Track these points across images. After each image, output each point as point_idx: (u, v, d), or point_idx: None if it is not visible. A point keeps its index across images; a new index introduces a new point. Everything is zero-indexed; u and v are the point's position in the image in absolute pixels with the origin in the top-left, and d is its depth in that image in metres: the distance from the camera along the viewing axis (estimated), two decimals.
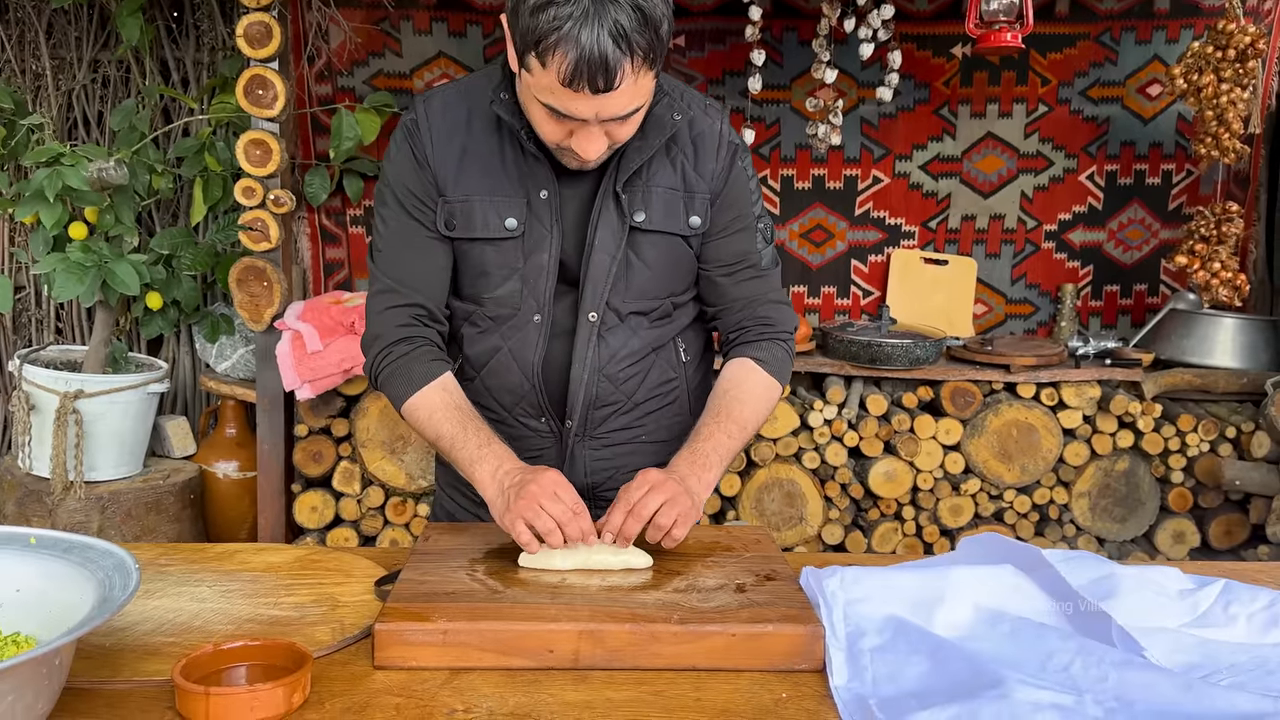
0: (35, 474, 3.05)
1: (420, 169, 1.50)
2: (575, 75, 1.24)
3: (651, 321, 1.58)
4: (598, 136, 1.34)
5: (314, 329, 2.93)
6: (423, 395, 1.49)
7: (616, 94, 1.27)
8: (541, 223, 1.49)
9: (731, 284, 1.59)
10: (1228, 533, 3.18)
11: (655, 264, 1.53)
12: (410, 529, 3.12)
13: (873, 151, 3.49)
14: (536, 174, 1.47)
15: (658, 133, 1.46)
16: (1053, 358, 3.10)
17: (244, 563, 1.42)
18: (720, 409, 1.52)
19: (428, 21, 3.31)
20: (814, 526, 3.11)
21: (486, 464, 1.41)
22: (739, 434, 1.50)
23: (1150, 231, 3.55)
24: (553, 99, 1.29)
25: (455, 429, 1.45)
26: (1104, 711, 1.00)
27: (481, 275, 1.52)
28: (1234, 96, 2.96)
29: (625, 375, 1.58)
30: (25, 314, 3.69)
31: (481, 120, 1.49)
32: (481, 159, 1.49)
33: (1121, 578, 1.28)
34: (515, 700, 1.06)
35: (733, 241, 1.57)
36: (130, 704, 1.04)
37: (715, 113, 1.55)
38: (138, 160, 3.10)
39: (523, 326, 1.53)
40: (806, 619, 1.16)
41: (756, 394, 1.55)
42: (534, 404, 1.58)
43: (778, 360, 1.59)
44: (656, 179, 1.50)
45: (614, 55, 1.22)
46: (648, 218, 1.50)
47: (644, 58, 1.26)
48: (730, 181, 1.55)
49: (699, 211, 1.53)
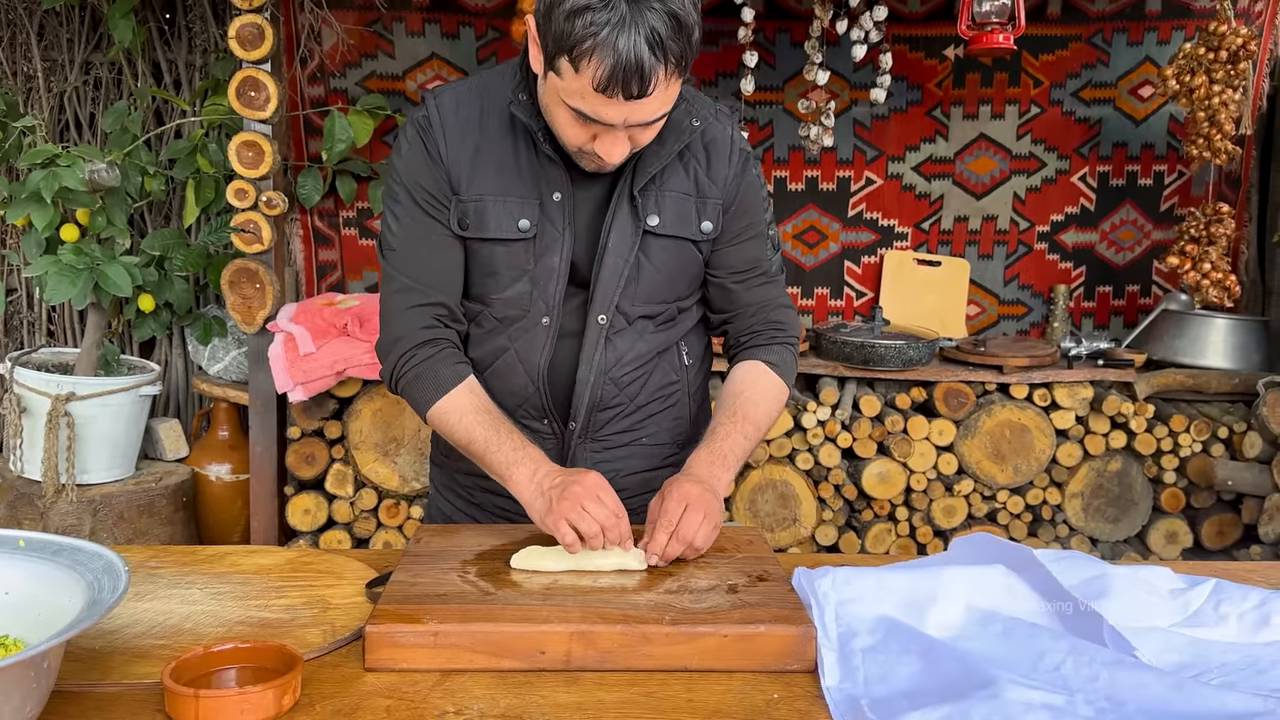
0: (27, 477, 3.04)
1: (434, 165, 1.48)
2: (610, 82, 1.24)
3: (658, 325, 1.58)
4: (622, 141, 1.35)
5: (306, 331, 2.93)
6: (451, 399, 1.48)
7: (648, 100, 1.27)
8: (554, 225, 1.48)
9: (744, 290, 1.61)
10: (1220, 533, 3.19)
11: (665, 268, 1.53)
12: (403, 531, 3.11)
13: (865, 153, 3.49)
14: (550, 176, 1.47)
15: (675, 138, 1.47)
16: (1045, 358, 3.11)
17: (234, 565, 1.42)
18: (736, 409, 1.53)
19: (420, 23, 3.31)
20: (807, 527, 3.11)
21: (524, 467, 1.41)
22: (754, 434, 1.52)
23: (1142, 232, 3.57)
24: (583, 104, 1.29)
25: (489, 432, 1.45)
26: (1095, 711, 1.00)
27: (490, 275, 1.52)
28: (1225, 98, 2.98)
29: (629, 379, 1.58)
30: (17, 316, 3.68)
31: (495, 119, 1.48)
32: (495, 158, 1.48)
33: (1113, 577, 1.28)
34: (506, 702, 1.06)
35: (745, 248, 1.59)
36: (120, 707, 1.04)
37: (726, 119, 1.56)
38: (130, 162, 3.10)
39: (531, 328, 1.53)
40: (798, 620, 1.16)
41: (769, 395, 1.57)
42: (537, 406, 1.57)
43: (786, 364, 1.61)
44: (670, 184, 1.50)
45: (650, 62, 1.23)
46: (661, 222, 1.50)
47: (677, 65, 1.26)
48: (743, 189, 1.56)
49: (710, 217, 1.53)
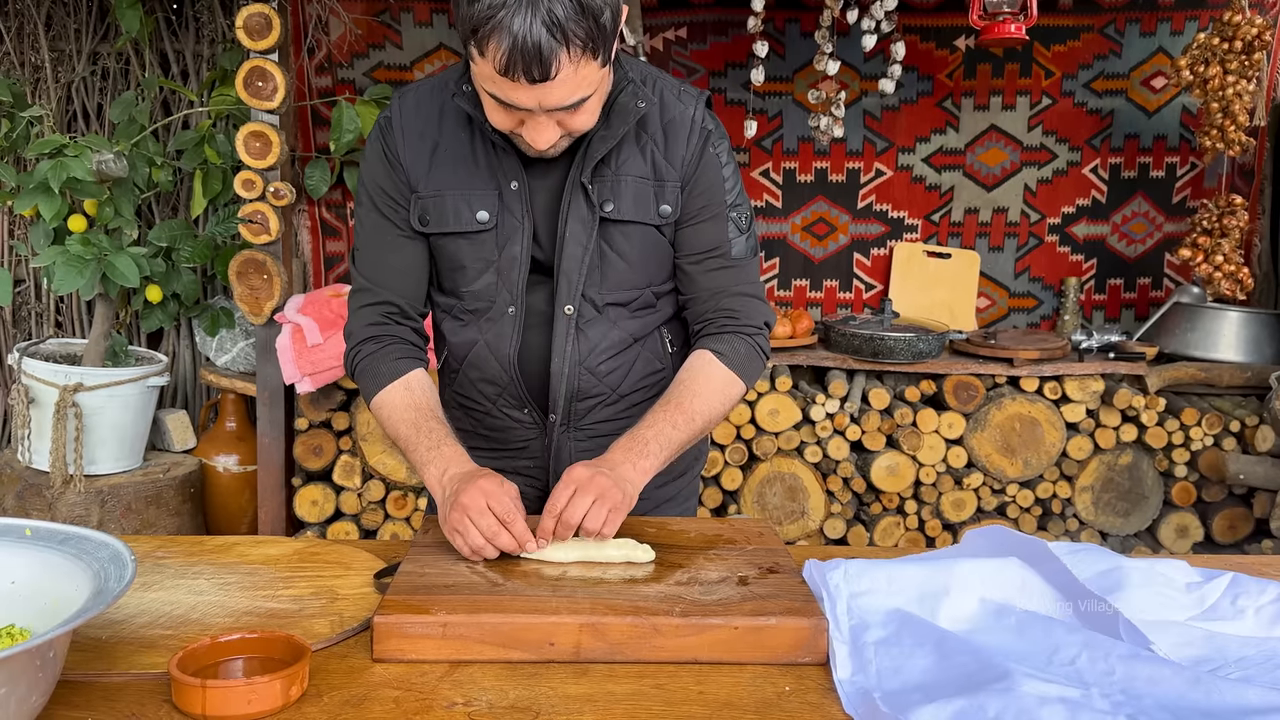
0: (35, 467, 3.04)
1: (391, 167, 1.49)
2: (510, 65, 1.21)
3: (632, 312, 1.55)
4: (547, 126, 1.32)
5: (314, 322, 2.92)
6: (386, 394, 1.49)
7: (555, 84, 1.24)
8: (513, 214, 1.47)
9: (699, 273, 1.54)
10: (1231, 527, 3.17)
11: (630, 255, 1.50)
12: (411, 523, 3.11)
13: (875, 144, 3.47)
14: (506, 165, 1.46)
15: (621, 121, 1.44)
16: (1056, 351, 3.09)
17: (242, 555, 1.41)
18: (670, 398, 1.47)
19: (428, 13, 3.30)
20: (816, 520, 3.10)
21: (433, 468, 1.40)
22: (685, 425, 1.45)
23: (1154, 225, 3.54)
24: (494, 88, 1.27)
25: (410, 430, 1.45)
26: (1111, 705, 0.98)
27: (458, 269, 1.52)
28: (1240, 88, 2.95)
29: (608, 368, 1.55)
30: (25, 307, 3.68)
31: (452, 114, 1.48)
32: (452, 153, 1.48)
33: (1128, 571, 1.27)
34: (515, 693, 1.05)
35: (702, 230, 1.52)
36: (126, 696, 1.03)
37: (690, 98, 1.51)
38: (137, 153, 3.09)
39: (498, 319, 1.52)
40: (810, 612, 1.15)
41: (712, 387, 1.49)
42: (515, 396, 1.56)
43: (739, 354, 1.52)
44: (626, 168, 1.47)
45: (548, 45, 1.19)
46: (616, 208, 1.47)
47: (583, 47, 1.22)
48: (701, 168, 1.50)
49: (669, 200, 1.49)
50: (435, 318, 1.62)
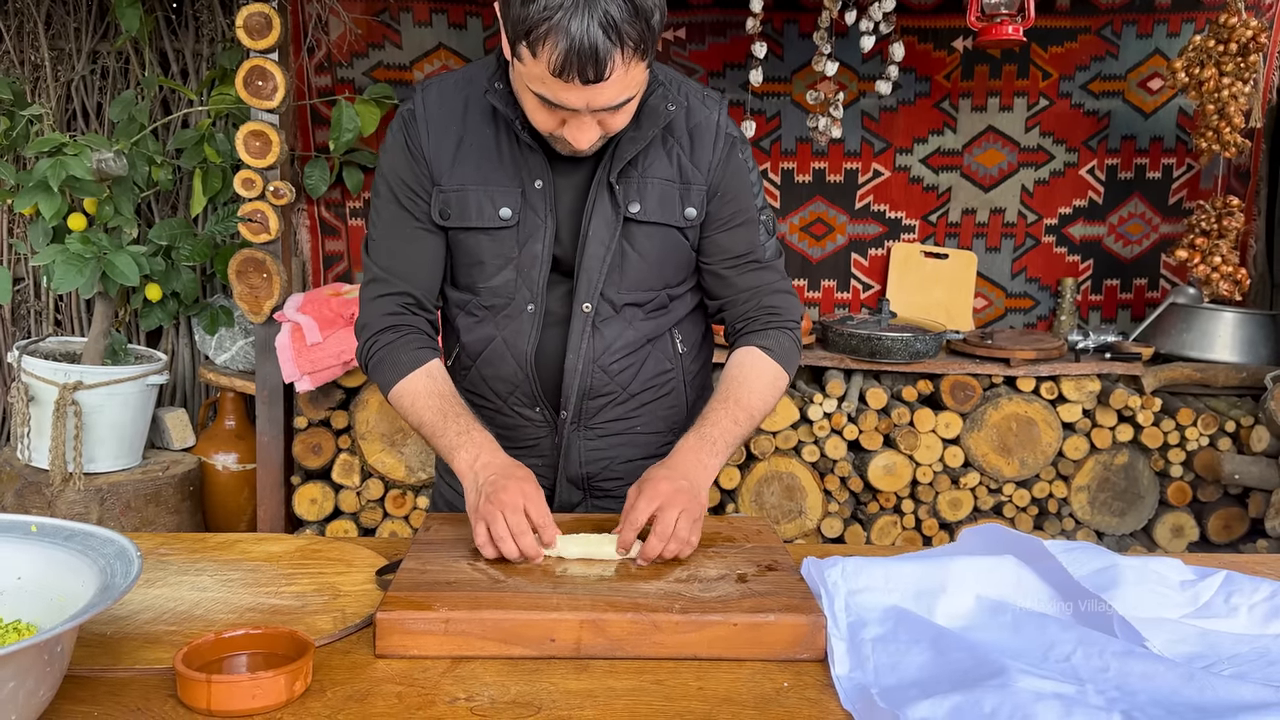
0: (34, 465, 3.04)
1: (414, 159, 1.50)
2: (565, 66, 1.23)
3: (647, 313, 1.57)
4: (590, 126, 1.34)
5: (313, 321, 2.93)
6: (407, 382, 1.50)
7: (607, 84, 1.26)
8: (536, 212, 1.48)
9: (738, 275, 1.58)
10: (1226, 527, 3.19)
11: (650, 255, 1.52)
12: (410, 521, 3.12)
13: (873, 145, 3.48)
14: (531, 164, 1.47)
15: (651, 123, 1.46)
16: (1052, 352, 3.10)
17: (245, 552, 1.42)
18: (729, 394, 1.51)
19: (428, 13, 3.30)
20: (813, 519, 3.11)
21: (465, 451, 1.41)
22: (746, 421, 1.49)
23: (1150, 225, 3.55)
24: (544, 89, 1.29)
25: (435, 416, 1.46)
26: (1105, 701, 1.00)
27: (477, 264, 1.53)
28: (1235, 90, 2.96)
29: (620, 367, 1.57)
30: (24, 305, 3.68)
31: (477, 110, 1.49)
32: (477, 148, 1.49)
33: (1123, 568, 1.28)
34: (517, 689, 1.06)
35: (737, 234, 1.56)
36: (132, 691, 1.04)
37: (713, 104, 1.55)
38: (137, 151, 3.10)
39: (516, 316, 1.53)
40: (808, 609, 1.16)
41: (765, 381, 1.54)
42: (528, 393, 1.58)
43: (785, 349, 1.57)
44: (652, 170, 1.49)
45: (604, 46, 1.22)
46: (642, 209, 1.49)
47: (635, 48, 1.25)
48: (729, 174, 1.54)
49: (694, 203, 1.52)
50: (447, 313, 1.62)
